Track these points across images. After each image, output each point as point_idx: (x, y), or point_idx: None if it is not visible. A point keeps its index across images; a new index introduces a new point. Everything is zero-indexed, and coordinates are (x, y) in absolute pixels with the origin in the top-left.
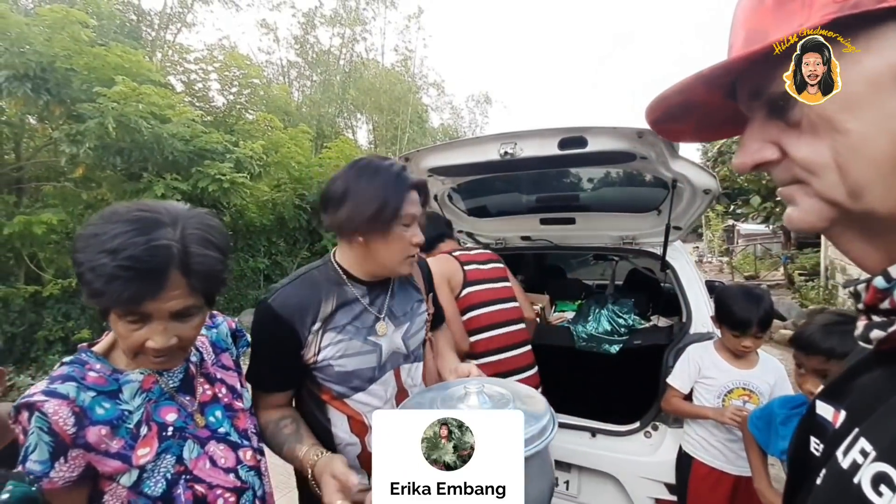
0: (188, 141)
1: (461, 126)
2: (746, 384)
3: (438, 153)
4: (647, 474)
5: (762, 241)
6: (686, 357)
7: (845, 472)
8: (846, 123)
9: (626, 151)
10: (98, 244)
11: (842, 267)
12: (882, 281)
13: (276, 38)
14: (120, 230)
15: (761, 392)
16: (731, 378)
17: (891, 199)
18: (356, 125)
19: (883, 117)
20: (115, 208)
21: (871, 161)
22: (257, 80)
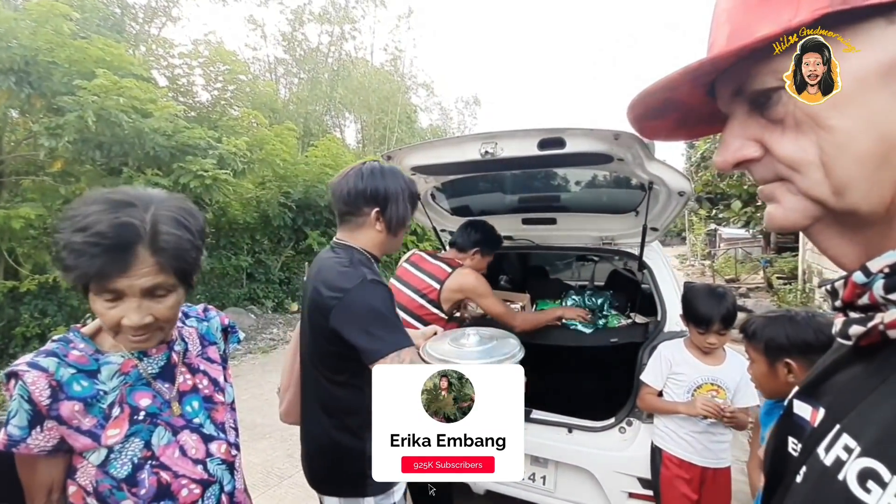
0: (170, 136)
1: (450, 127)
2: (715, 380)
3: (421, 151)
4: (620, 469)
5: (743, 245)
6: (658, 355)
7: (828, 469)
8: (832, 121)
9: (604, 153)
10: (72, 224)
11: (818, 271)
12: (861, 276)
13: (263, 35)
14: (93, 210)
15: (728, 387)
16: (700, 374)
17: (874, 197)
18: (344, 124)
19: (869, 115)
20: (93, 193)
21: (856, 158)
22: (243, 77)
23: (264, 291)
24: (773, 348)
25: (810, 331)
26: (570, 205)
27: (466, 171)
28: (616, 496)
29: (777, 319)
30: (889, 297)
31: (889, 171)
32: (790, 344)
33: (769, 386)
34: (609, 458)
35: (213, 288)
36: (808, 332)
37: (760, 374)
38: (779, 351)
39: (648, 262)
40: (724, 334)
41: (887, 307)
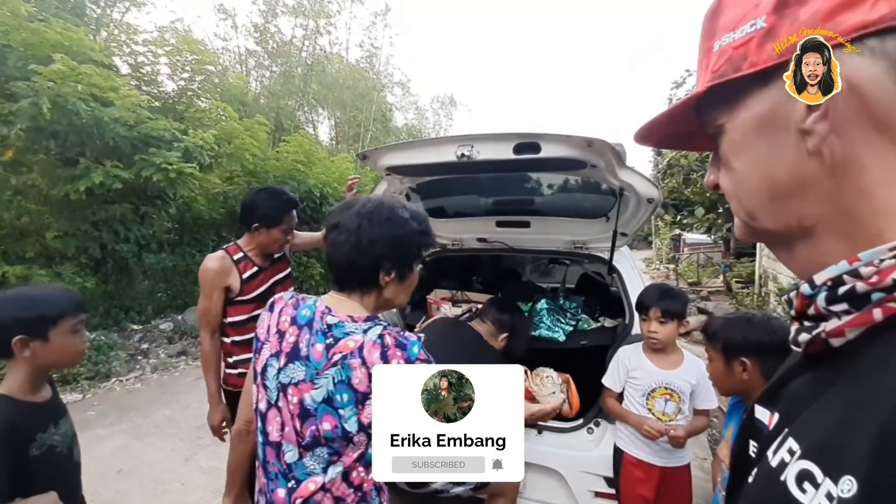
0: (132, 126)
1: (425, 127)
2: (668, 384)
3: (396, 152)
4: (588, 468)
5: (705, 250)
6: (616, 358)
7: (773, 471)
8: (734, 163)
9: (577, 159)
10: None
11: (773, 276)
12: (808, 288)
13: (234, 25)
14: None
15: (682, 391)
16: (655, 378)
17: (778, 220)
18: (317, 120)
19: (754, 159)
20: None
21: (751, 192)
22: (212, 67)
23: None
24: (729, 347)
25: (765, 332)
26: (543, 209)
27: (442, 173)
28: (583, 496)
29: (735, 321)
30: (830, 308)
31: (781, 201)
32: (745, 344)
33: (725, 383)
34: (577, 458)
35: (176, 286)
36: (762, 333)
37: (718, 371)
38: (735, 350)
39: (618, 267)
40: (664, 322)
41: (829, 317)
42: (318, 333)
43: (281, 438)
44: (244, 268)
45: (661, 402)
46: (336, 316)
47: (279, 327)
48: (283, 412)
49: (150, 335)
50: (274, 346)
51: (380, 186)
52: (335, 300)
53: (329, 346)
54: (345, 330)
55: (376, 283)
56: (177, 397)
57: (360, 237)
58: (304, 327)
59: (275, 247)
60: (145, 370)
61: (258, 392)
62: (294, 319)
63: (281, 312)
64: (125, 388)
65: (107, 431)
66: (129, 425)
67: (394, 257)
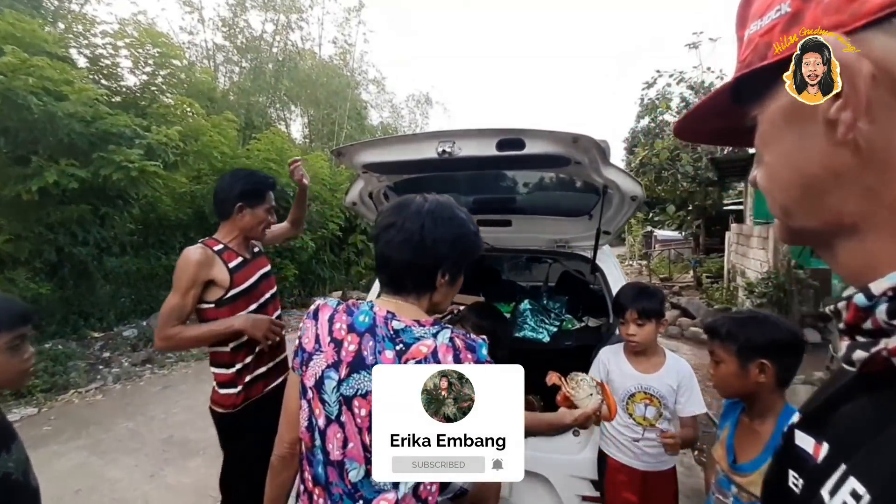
0: (89, 122)
1: (401, 125)
2: (647, 388)
3: (374, 149)
4: (575, 472)
5: (675, 246)
6: (597, 360)
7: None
8: (765, 157)
9: (562, 156)
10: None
11: (741, 270)
12: (863, 298)
13: (200, 19)
14: None
15: (662, 395)
16: (634, 382)
17: (814, 218)
18: (290, 117)
19: (783, 152)
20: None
21: (783, 187)
22: (177, 62)
23: None
24: (748, 349)
25: (786, 332)
26: (525, 207)
27: (421, 171)
28: (570, 500)
29: (747, 320)
30: (893, 323)
31: (816, 197)
32: (769, 345)
33: (734, 386)
34: (564, 461)
35: (140, 290)
36: (784, 334)
37: (729, 374)
38: (755, 351)
39: (601, 265)
40: (642, 325)
41: (893, 333)
42: (385, 340)
43: (343, 457)
44: (228, 258)
45: (641, 406)
46: (402, 321)
47: (334, 336)
48: (348, 427)
49: (113, 343)
50: (330, 356)
51: (356, 185)
52: (393, 304)
53: (400, 353)
54: (414, 335)
55: (432, 285)
56: (141, 409)
57: (423, 237)
58: (366, 334)
59: (259, 230)
60: (107, 380)
61: (312, 408)
62: (351, 326)
63: (332, 320)
64: (84, 400)
65: (64, 448)
66: (89, 441)
67: (453, 258)
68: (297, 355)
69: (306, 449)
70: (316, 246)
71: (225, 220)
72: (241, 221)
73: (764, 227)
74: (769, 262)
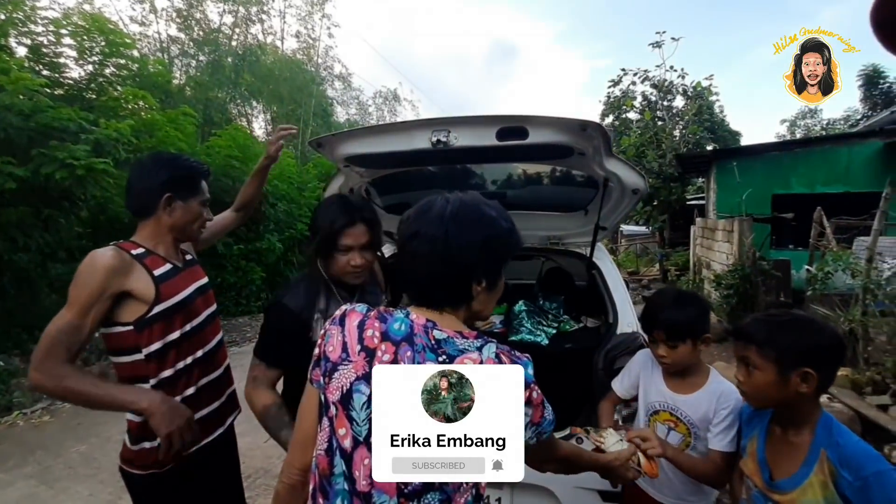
0: (28, 116)
1: (368, 122)
2: (674, 409)
3: (359, 139)
4: (581, 483)
5: (641, 241)
6: (633, 360)
7: None
8: None
9: (566, 145)
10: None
11: (706, 263)
12: None
13: (153, 9)
14: None
15: (691, 422)
16: (661, 398)
17: None
18: (252, 114)
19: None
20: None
21: None
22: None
23: None
24: (791, 356)
25: (830, 337)
26: (516, 202)
27: (411, 163)
28: None
29: (792, 324)
30: None
31: None
32: (812, 352)
33: (772, 396)
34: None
35: None
36: (828, 339)
37: (766, 383)
38: (797, 359)
39: (598, 263)
40: (674, 346)
41: None
42: (426, 350)
43: (371, 487)
44: (153, 264)
45: (664, 429)
46: (443, 331)
47: (365, 344)
48: None
49: None
50: (360, 367)
51: (335, 182)
52: (431, 313)
53: (444, 365)
54: (457, 347)
55: (468, 294)
56: (94, 429)
57: (448, 245)
58: (402, 343)
59: (193, 229)
60: (55, 400)
61: (335, 427)
62: (386, 334)
63: (362, 327)
64: (30, 422)
65: (9, 477)
66: (37, 468)
67: (486, 263)
68: (316, 366)
69: (322, 477)
70: (284, 247)
71: (146, 217)
72: (170, 218)
73: (728, 220)
74: (734, 255)
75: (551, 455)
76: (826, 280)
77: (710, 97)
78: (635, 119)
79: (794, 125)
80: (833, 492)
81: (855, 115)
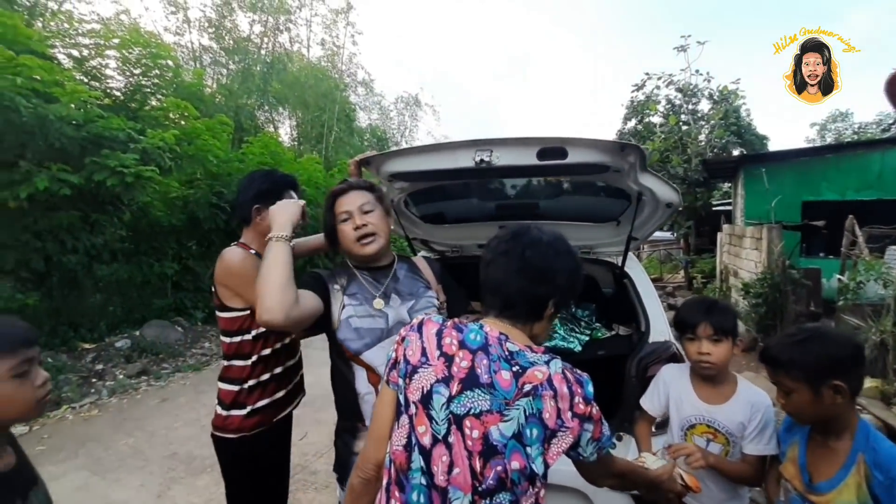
0: (80, 126)
1: (390, 127)
2: (711, 421)
3: (405, 158)
4: None
5: (665, 246)
6: (658, 377)
7: None
8: None
9: (603, 164)
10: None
11: (734, 270)
12: None
13: (186, 19)
14: None
15: (730, 432)
16: (696, 412)
17: None
18: (279, 120)
19: None
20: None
21: None
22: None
23: (193, 301)
24: (818, 373)
25: (847, 345)
26: (548, 212)
27: (454, 179)
28: None
29: (809, 341)
30: None
31: None
32: (836, 364)
33: (812, 413)
34: None
35: (132, 299)
36: (846, 347)
37: (804, 403)
38: (825, 374)
39: (629, 272)
40: (718, 341)
41: None
42: (501, 360)
43: (447, 483)
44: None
45: (703, 441)
46: (515, 343)
47: (444, 350)
48: (455, 449)
49: (105, 354)
50: (440, 370)
51: None
52: (503, 327)
53: (517, 375)
54: (528, 359)
55: (541, 314)
56: (141, 424)
57: (545, 267)
58: (478, 352)
59: None
60: (101, 394)
61: (414, 425)
62: (463, 343)
63: (440, 335)
64: (79, 416)
65: (61, 469)
66: (88, 459)
67: (566, 291)
68: (393, 368)
69: (399, 471)
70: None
71: (246, 225)
72: (261, 225)
73: (757, 227)
74: (763, 263)
75: (609, 470)
76: (858, 290)
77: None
78: (659, 123)
79: (825, 129)
80: (866, 492)
81: (887, 119)
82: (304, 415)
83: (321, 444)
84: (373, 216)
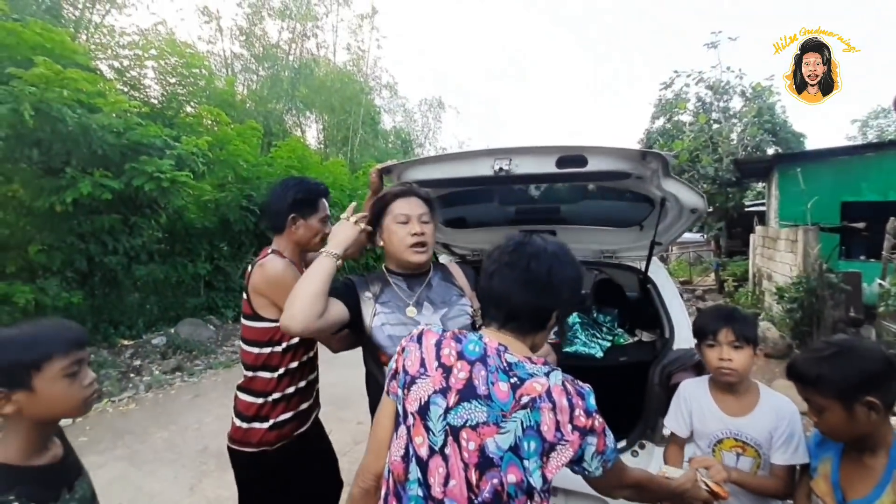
0: (120, 134)
1: (414, 129)
2: (738, 434)
3: (425, 166)
4: None
5: (694, 248)
6: (678, 395)
7: None
8: None
9: (624, 171)
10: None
11: (768, 274)
12: None
13: (219, 28)
14: None
15: (758, 443)
16: (722, 426)
17: None
18: (305, 124)
19: None
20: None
21: None
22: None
23: (224, 300)
24: (849, 391)
25: (878, 358)
26: (570, 217)
27: (474, 186)
28: None
29: (837, 357)
30: None
31: None
32: (867, 380)
33: (847, 431)
34: None
35: (168, 298)
36: (877, 361)
37: (838, 422)
38: (856, 391)
39: (653, 277)
40: (740, 347)
41: None
42: (499, 371)
43: (444, 495)
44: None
45: (732, 456)
46: (514, 355)
47: (442, 361)
48: (452, 461)
49: (143, 350)
50: (437, 381)
51: None
52: (503, 338)
53: (515, 387)
54: (527, 371)
55: (544, 325)
56: (175, 418)
57: (551, 279)
58: (477, 363)
59: (315, 243)
60: (139, 389)
61: (412, 436)
62: (461, 354)
63: (439, 345)
64: (118, 409)
65: (102, 459)
66: (126, 451)
67: (569, 302)
68: (393, 379)
69: (396, 482)
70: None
71: (279, 233)
72: (296, 234)
73: (792, 229)
74: (798, 266)
75: (622, 482)
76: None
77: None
78: (688, 122)
79: (866, 126)
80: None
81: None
82: (328, 413)
83: (343, 442)
84: (428, 227)
